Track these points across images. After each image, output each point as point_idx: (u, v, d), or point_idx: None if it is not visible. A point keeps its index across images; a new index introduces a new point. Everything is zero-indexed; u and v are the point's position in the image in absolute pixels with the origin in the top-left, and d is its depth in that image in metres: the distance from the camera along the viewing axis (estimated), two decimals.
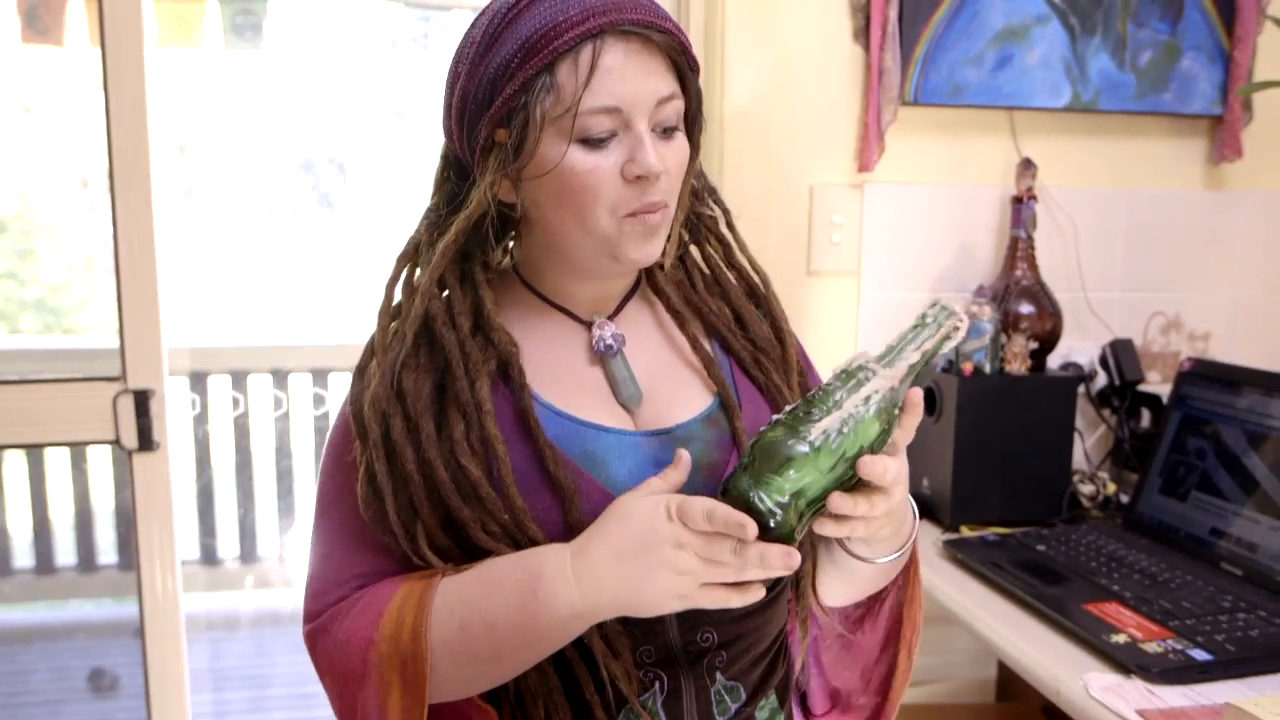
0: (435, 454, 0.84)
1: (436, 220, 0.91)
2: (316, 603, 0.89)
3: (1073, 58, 1.77)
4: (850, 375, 0.78)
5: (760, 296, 0.99)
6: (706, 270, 1.00)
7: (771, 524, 0.75)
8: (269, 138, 4.17)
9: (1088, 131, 1.84)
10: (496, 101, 0.82)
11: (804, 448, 0.75)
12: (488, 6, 0.86)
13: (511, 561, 0.82)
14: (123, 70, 1.63)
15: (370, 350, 0.90)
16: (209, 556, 3.52)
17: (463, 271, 0.90)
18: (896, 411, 0.79)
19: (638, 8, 0.82)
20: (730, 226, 1.00)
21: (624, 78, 0.81)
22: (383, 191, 4.36)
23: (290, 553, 3.55)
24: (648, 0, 0.84)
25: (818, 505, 0.77)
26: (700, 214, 0.98)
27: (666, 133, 0.86)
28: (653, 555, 0.77)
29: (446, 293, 0.90)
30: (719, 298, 0.99)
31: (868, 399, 0.77)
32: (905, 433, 0.81)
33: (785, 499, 0.75)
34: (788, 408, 0.79)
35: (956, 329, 0.80)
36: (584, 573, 0.79)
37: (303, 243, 4.43)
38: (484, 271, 0.91)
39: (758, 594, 0.78)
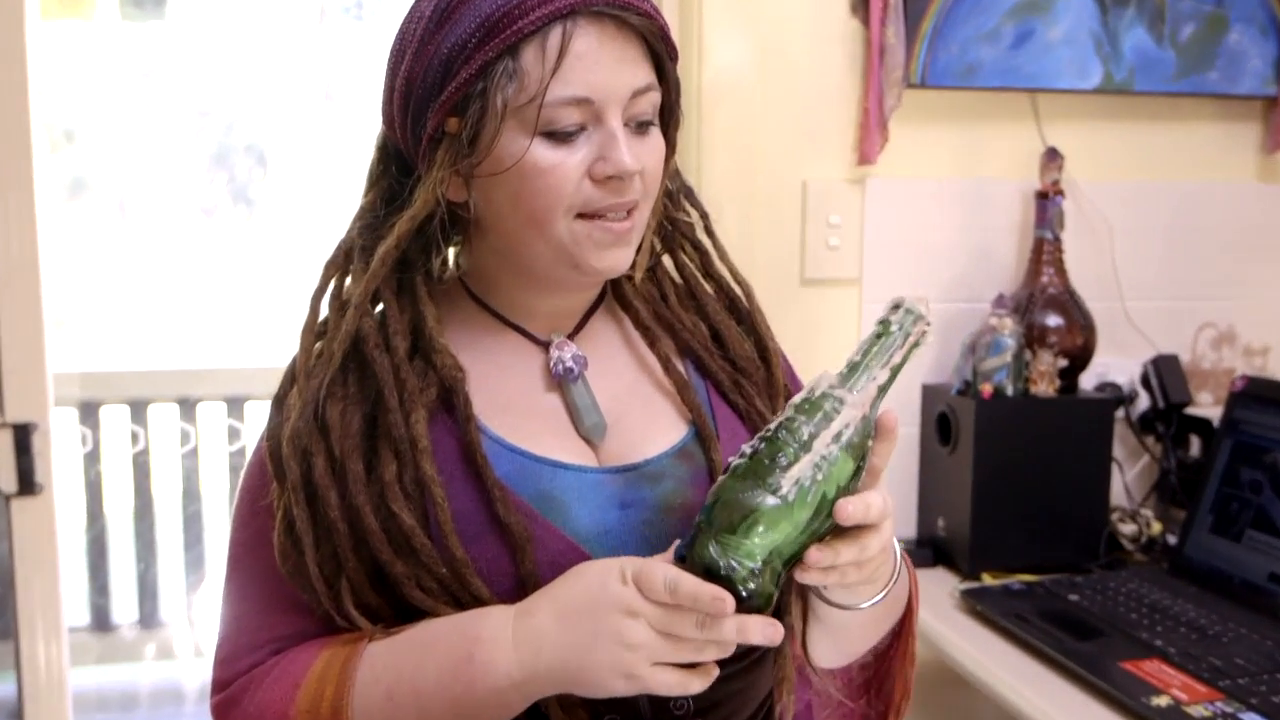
0: (363, 499, 0.85)
1: (372, 222, 0.93)
2: (226, 670, 0.91)
3: (1103, 32, 1.82)
4: (815, 406, 0.80)
5: (742, 311, 1.02)
6: (680, 281, 1.03)
7: (745, 593, 0.77)
8: (173, 123, 4.17)
9: (1122, 116, 1.88)
10: (449, 87, 0.84)
11: (774, 500, 0.77)
12: None
13: (449, 623, 0.84)
14: (1, 45, 1.64)
15: (291, 376, 0.92)
16: (101, 622, 3.51)
17: (400, 282, 0.92)
18: (870, 442, 0.82)
19: None
20: (708, 231, 1.03)
21: (597, 65, 0.84)
22: (309, 186, 4.36)
23: (200, 616, 3.54)
24: None
25: (795, 560, 0.79)
26: (675, 219, 1.01)
27: (641, 128, 0.88)
28: (600, 623, 0.78)
29: (380, 307, 0.92)
30: (694, 313, 1.02)
31: (838, 435, 0.79)
32: (882, 459, 0.84)
33: (758, 564, 0.77)
34: (745, 449, 0.81)
35: (925, 333, 0.83)
36: (524, 636, 0.81)
37: (215, 247, 4.43)
38: (426, 283, 0.93)
39: (712, 676, 0.80)
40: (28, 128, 1.67)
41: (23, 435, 1.69)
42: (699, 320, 1.02)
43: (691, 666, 0.79)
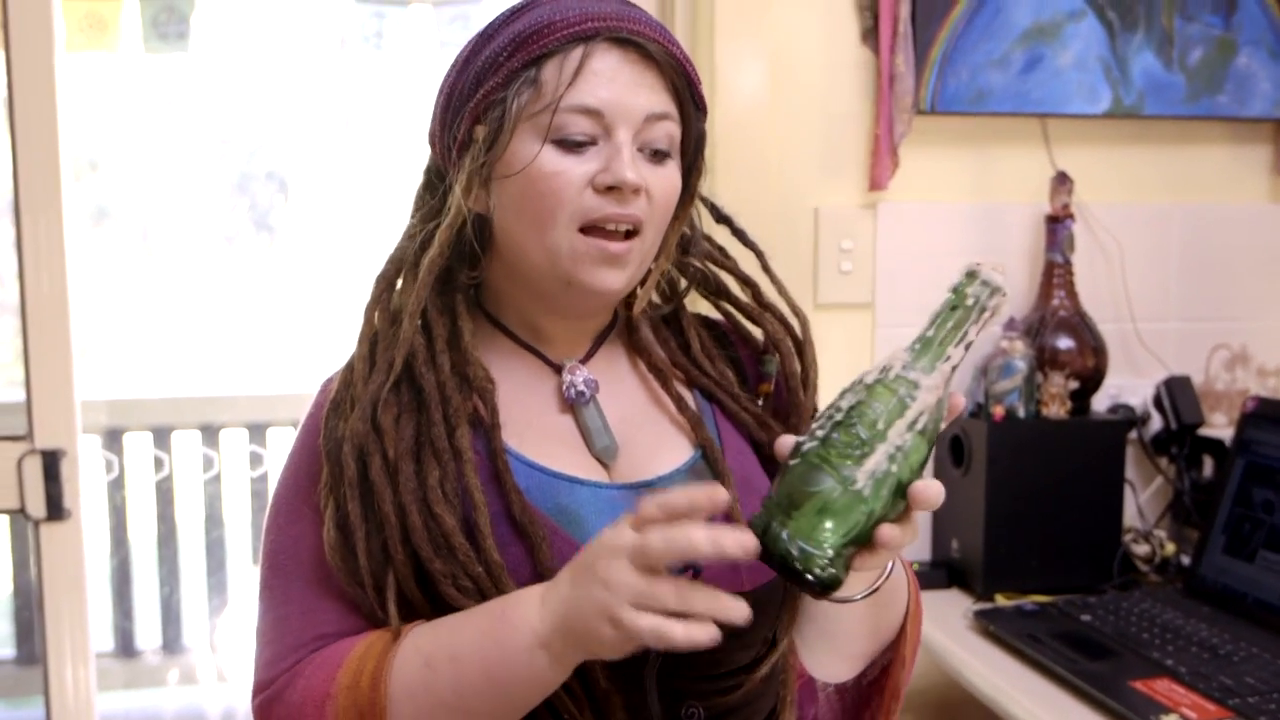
0: (410, 498, 0.90)
1: (419, 238, 0.99)
2: (270, 670, 0.93)
3: (1112, 57, 1.86)
4: (890, 390, 0.78)
5: (795, 336, 1.06)
6: (720, 313, 1.08)
7: (818, 580, 0.77)
8: (195, 152, 4.25)
9: (1132, 140, 1.92)
10: (478, 95, 0.93)
11: (849, 492, 0.77)
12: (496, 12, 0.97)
13: (493, 600, 0.88)
14: (31, 77, 1.71)
15: (348, 379, 0.97)
16: (125, 647, 3.55)
17: (442, 299, 0.98)
18: (941, 424, 0.81)
19: (640, 21, 0.92)
20: (765, 269, 1.08)
21: (612, 83, 0.91)
22: (330, 212, 4.43)
23: (222, 641, 3.59)
24: (656, 21, 0.94)
25: (863, 540, 0.79)
26: (689, 263, 1.06)
27: (656, 156, 0.94)
28: (591, 569, 0.80)
29: (423, 320, 0.98)
30: (723, 360, 1.07)
31: (913, 422, 0.78)
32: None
33: (832, 553, 0.77)
34: (816, 430, 0.80)
35: (1000, 305, 0.80)
36: (549, 595, 0.84)
37: (236, 274, 4.50)
38: (464, 299, 0.99)
39: (705, 634, 0.77)
40: (57, 159, 1.73)
41: (51, 461, 1.74)
42: (726, 368, 1.06)
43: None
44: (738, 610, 0.77)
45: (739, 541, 0.77)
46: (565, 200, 0.91)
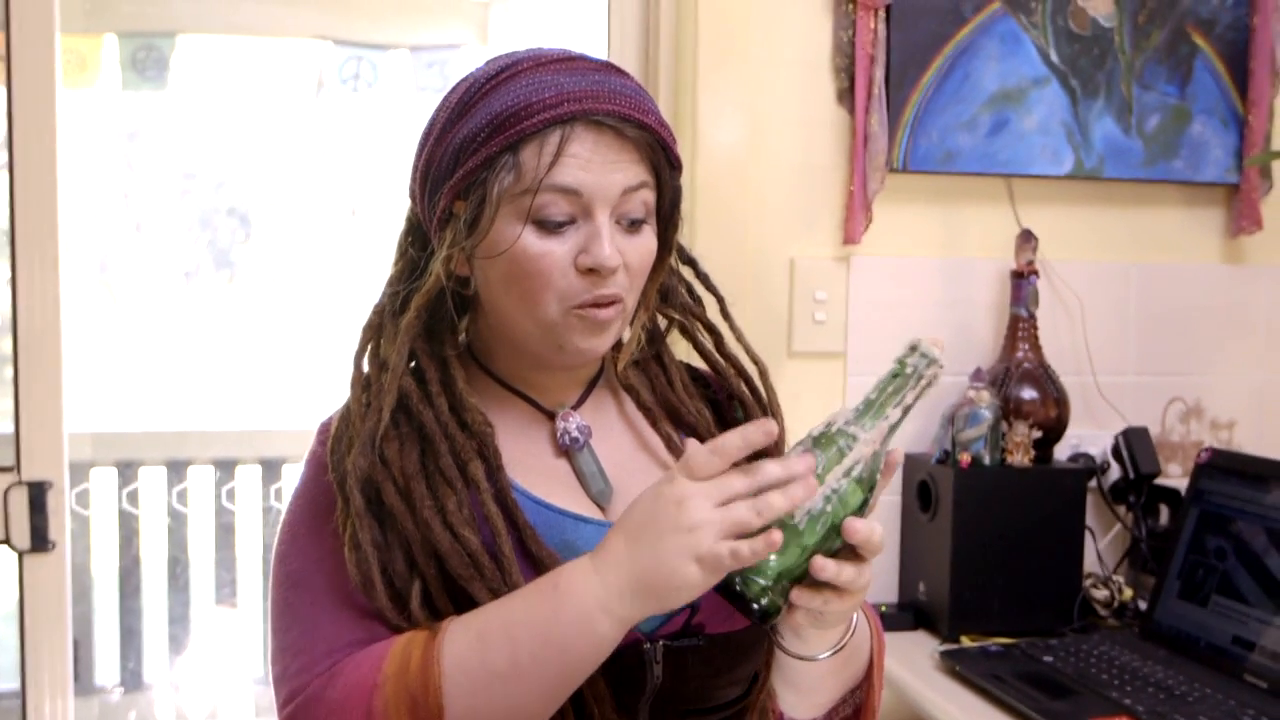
0: (431, 517, 0.94)
1: (400, 290, 1.03)
2: (303, 677, 0.92)
3: (1074, 122, 1.96)
4: (830, 441, 0.89)
5: (754, 387, 1.11)
6: (685, 365, 1.14)
7: (757, 607, 0.87)
8: (159, 186, 4.26)
9: (1093, 201, 2.02)
10: (458, 173, 0.96)
11: (789, 528, 0.86)
12: (472, 72, 1.00)
13: (535, 580, 0.91)
14: (31, 113, 1.76)
15: (346, 418, 1.00)
16: (86, 684, 3.52)
17: (430, 346, 1.02)
18: (878, 475, 0.91)
19: (616, 98, 0.95)
20: (724, 314, 1.13)
21: (589, 165, 0.95)
22: (291, 251, 4.45)
23: (185, 680, 3.57)
24: (632, 89, 0.98)
25: (802, 578, 0.88)
26: (669, 312, 1.11)
27: (633, 225, 0.99)
28: (660, 522, 0.85)
29: (414, 363, 1.02)
30: (699, 399, 1.12)
31: (849, 469, 0.88)
32: (878, 492, 0.93)
33: (770, 582, 0.87)
34: None
35: (936, 375, 0.91)
36: (603, 561, 0.88)
37: (195, 309, 4.50)
38: (454, 350, 1.03)
39: (775, 542, 0.84)
40: (55, 195, 1.77)
41: (38, 493, 1.77)
42: (703, 406, 1.11)
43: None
44: (804, 481, 0.86)
45: (804, 461, 0.86)
46: (552, 281, 0.95)
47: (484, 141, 0.94)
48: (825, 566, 0.87)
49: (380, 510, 0.95)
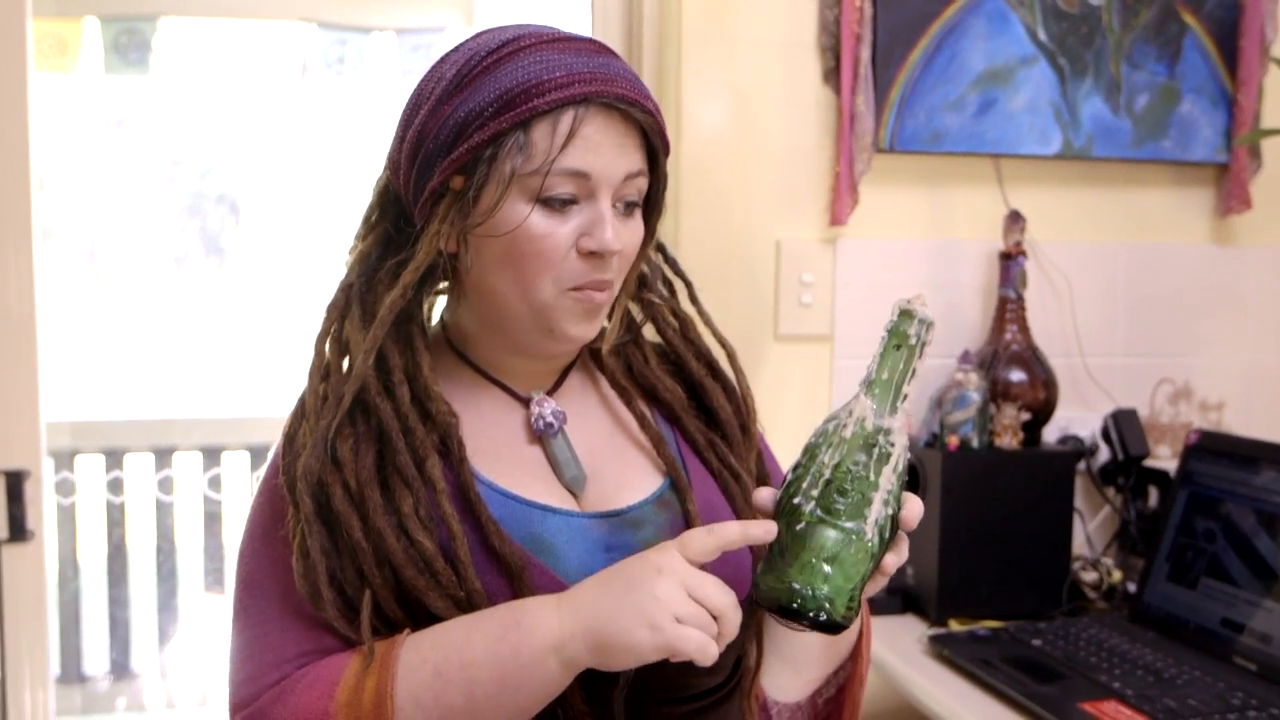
0: (384, 523, 0.92)
1: (371, 267, 1.00)
2: (249, 688, 0.94)
3: (1063, 102, 1.94)
4: (870, 442, 0.87)
5: (722, 373, 1.10)
6: (660, 343, 1.11)
7: (843, 620, 0.86)
8: (147, 172, 4.24)
9: (1081, 181, 2.00)
10: (460, 148, 0.93)
11: (863, 545, 0.86)
12: (464, 44, 0.97)
13: (494, 608, 0.91)
14: (4, 99, 1.73)
15: (300, 414, 0.99)
16: (72, 673, 3.52)
17: (398, 331, 0.99)
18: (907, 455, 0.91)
19: (624, 82, 0.95)
20: (693, 299, 1.11)
21: (599, 148, 0.94)
22: (281, 236, 4.43)
23: (172, 667, 3.56)
24: (631, 73, 0.97)
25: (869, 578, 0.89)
26: (648, 297, 1.09)
27: (627, 209, 0.98)
28: (634, 579, 0.87)
29: (375, 352, 0.98)
30: (673, 376, 1.10)
31: (896, 466, 0.87)
32: None
33: (850, 597, 0.86)
34: (810, 489, 0.87)
35: (933, 336, 0.89)
36: (568, 601, 0.88)
37: (185, 295, 4.48)
38: (421, 334, 1.00)
39: (714, 651, 0.86)
40: (28, 180, 1.75)
41: (15, 482, 1.75)
42: (678, 383, 1.09)
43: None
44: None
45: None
46: (552, 263, 0.94)
47: (492, 116, 0.92)
48: (893, 564, 0.90)
49: (331, 515, 0.93)
